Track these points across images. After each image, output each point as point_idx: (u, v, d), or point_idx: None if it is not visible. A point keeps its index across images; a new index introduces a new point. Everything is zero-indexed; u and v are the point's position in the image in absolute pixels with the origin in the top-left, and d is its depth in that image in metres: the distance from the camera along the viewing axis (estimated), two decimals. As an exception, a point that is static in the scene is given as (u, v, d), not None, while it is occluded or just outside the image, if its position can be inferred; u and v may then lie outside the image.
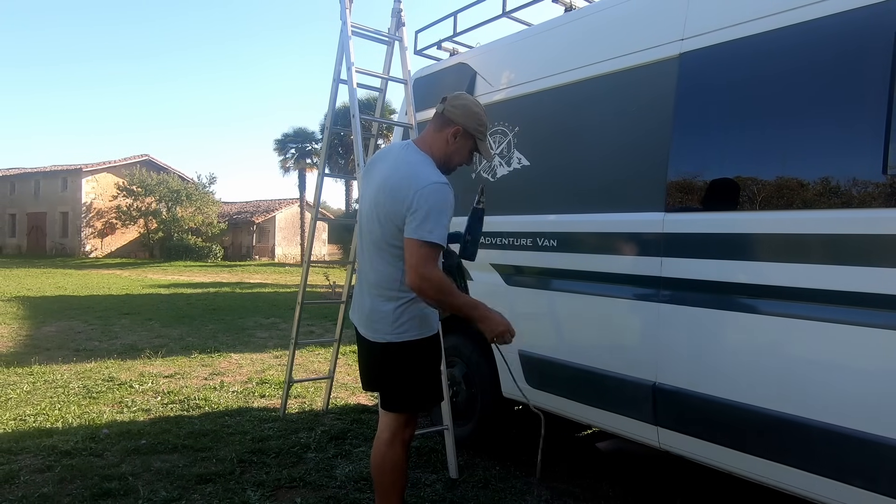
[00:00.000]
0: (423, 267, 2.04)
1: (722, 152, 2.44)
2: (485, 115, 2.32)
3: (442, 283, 2.07)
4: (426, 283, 2.04)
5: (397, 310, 2.20)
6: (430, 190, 2.07)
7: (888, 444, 1.90)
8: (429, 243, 2.04)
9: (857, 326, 1.99)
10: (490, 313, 2.15)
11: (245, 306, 11.80)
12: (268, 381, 5.43)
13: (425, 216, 2.04)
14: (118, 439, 3.79)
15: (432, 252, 2.05)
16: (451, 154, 2.27)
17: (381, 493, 2.32)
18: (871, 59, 2.01)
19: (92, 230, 32.48)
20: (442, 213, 2.07)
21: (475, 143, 2.28)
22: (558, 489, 3.18)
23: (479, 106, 2.31)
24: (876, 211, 1.98)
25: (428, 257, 2.05)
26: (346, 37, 3.67)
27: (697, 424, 2.47)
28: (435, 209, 2.05)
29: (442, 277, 2.09)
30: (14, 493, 2.97)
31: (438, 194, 2.08)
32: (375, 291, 2.24)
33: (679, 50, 2.56)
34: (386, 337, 2.22)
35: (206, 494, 3.01)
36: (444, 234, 2.08)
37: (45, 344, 7.21)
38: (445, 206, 2.09)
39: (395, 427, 2.30)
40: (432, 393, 2.37)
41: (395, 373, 2.27)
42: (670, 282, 2.53)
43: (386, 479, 2.29)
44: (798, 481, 2.15)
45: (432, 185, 2.08)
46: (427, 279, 2.04)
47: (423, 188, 2.07)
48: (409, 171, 2.16)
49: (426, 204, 2.05)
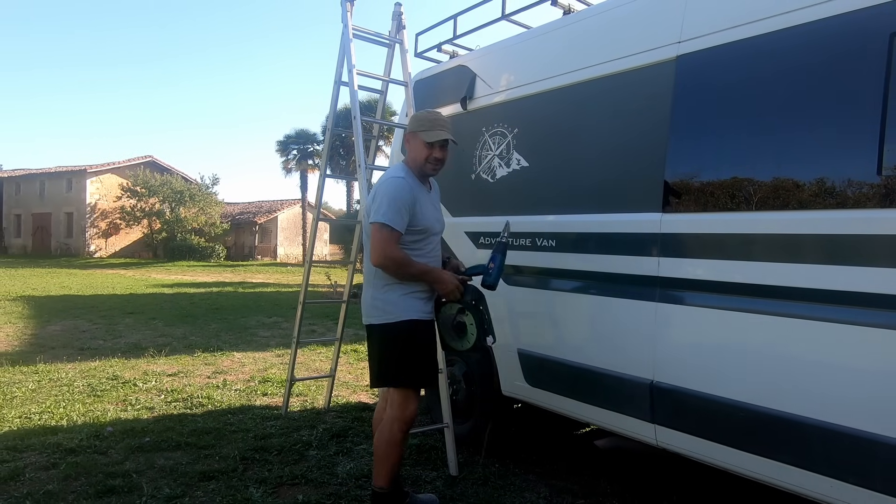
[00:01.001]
0: (381, 244, 2.44)
1: (719, 154, 2.44)
2: (424, 113, 2.70)
3: (399, 258, 2.46)
4: (387, 259, 2.45)
5: (374, 295, 2.59)
6: (384, 182, 2.53)
7: (880, 441, 1.91)
8: (381, 224, 2.43)
9: (852, 326, 1.99)
10: (442, 275, 2.57)
11: (247, 306, 11.80)
12: (270, 380, 5.44)
13: (380, 203, 2.46)
14: (122, 437, 3.79)
15: (388, 233, 2.44)
16: (414, 156, 2.64)
17: (377, 459, 2.64)
18: (866, 61, 2.01)
19: (96, 230, 32.47)
20: (393, 199, 2.45)
21: (422, 140, 2.59)
22: (557, 486, 3.18)
23: (420, 112, 2.76)
24: (871, 211, 1.98)
25: (385, 237, 2.44)
26: (348, 40, 3.67)
27: (694, 422, 2.47)
28: (387, 197, 2.46)
29: (400, 254, 2.47)
30: (19, 490, 2.97)
31: (390, 185, 2.50)
32: (365, 281, 2.67)
33: (676, 53, 2.56)
34: (366, 319, 2.63)
35: (209, 491, 3.01)
36: (396, 218, 2.43)
37: (50, 343, 7.21)
38: (397, 194, 2.46)
39: (393, 403, 2.61)
40: (404, 373, 2.60)
41: (370, 351, 2.68)
42: (667, 281, 2.53)
43: (381, 451, 2.61)
44: (792, 478, 2.16)
45: (388, 179, 2.55)
46: (387, 256, 2.44)
47: (380, 182, 2.56)
48: (383, 175, 2.67)
49: (380, 193, 2.49)
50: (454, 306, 2.66)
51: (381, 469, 2.61)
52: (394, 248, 2.45)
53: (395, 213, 2.44)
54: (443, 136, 2.60)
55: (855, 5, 2.03)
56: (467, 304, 2.65)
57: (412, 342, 2.57)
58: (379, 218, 2.44)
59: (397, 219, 2.45)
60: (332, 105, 4.03)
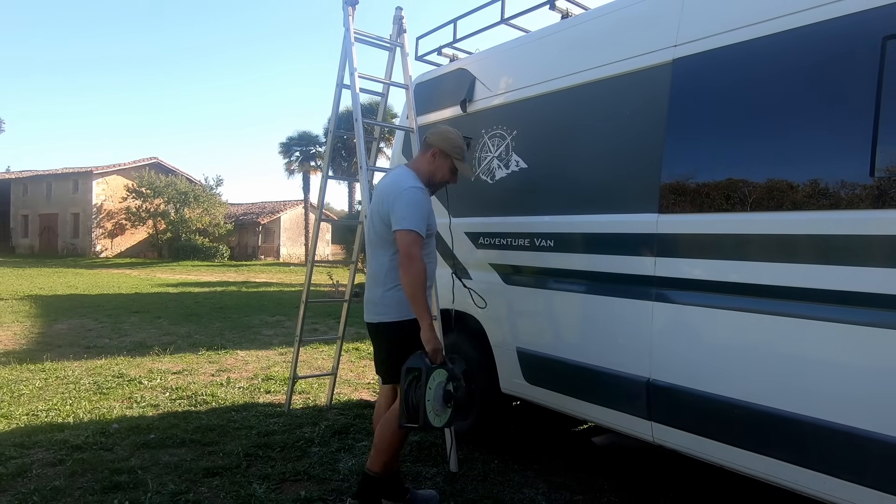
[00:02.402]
0: (408, 248, 2.49)
1: (714, 155, 2.44)
2: (460, 139, 2.78)
3: (422, 271, 2.49)
4: (413, 262, 2.48)
5: (384, 294, 2.64)
6: (406, 191, 2.58)
7: (869, 437, 1.91)
8: (407, 230, 2.51)
9: (844, 324, 1.99)
10: (433, 333, 2.51)
11: (251, 305, 11.80)
12: (273, 378, 5.44)
13: (407, 211, 2.53)
14: (128, 434, 3.79)
15: (414, 237, 2.51)
16: (434, 171, 2.75)
17: (377, 448, 2.67)
18: (859, 64, 2.01)
19: (102, 231, 32.46)
20: (418, 208, 2.55)
21: (453, 163, 2.74)
22: (555, 482, 3.18)
23: (454, 132, 2.81)
24: (864, 212, 1.98)
25: (412, 241, 2.50)
26: (350, 43, 3.67)
27: (690, 419, 2.47)
28: (412, 205, 2.54)
29: (423, 265, 2.50)
30: (27, 486, 2.97)
31: (412, 195, 2.57)
32: (371, 281, 2.72)
33: (672, 56, 2.56)
34: (374, 317, 2.68)
35: (213, 487, 3.01)
36: (421, 225, 2.53)
37: (57, 341, 7.21)
38: (421, 203, 2.57)
39: (391, 397, 2.74)
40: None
41: (380, 347, 2.74)
42: (664, 281, 2.54)
43: (383, 442, 2.66)
44: (785, 474, 2.16)
45: (409, 188, 2.59)
46: (412, 258, 2.48)
47: (401, 191, 2.58)
48: (393, 180, 2.69)
49: (405, 201, 2.55)
50: (443, 373, 2.50)
51: (379, 458, 2.67)
52: (418, 251, 2.52)
53: (420, 220, 2.55)
54: (469, 175, 2.87)
55: (848, 9, 2.04)
56: (452, 373, 2.51)
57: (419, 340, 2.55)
58: (409, 225, 2.51)
59: (422, 225, 2.56)
60: (334, 108, 4.03)
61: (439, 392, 2.48)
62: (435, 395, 2.46)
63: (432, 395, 2.45)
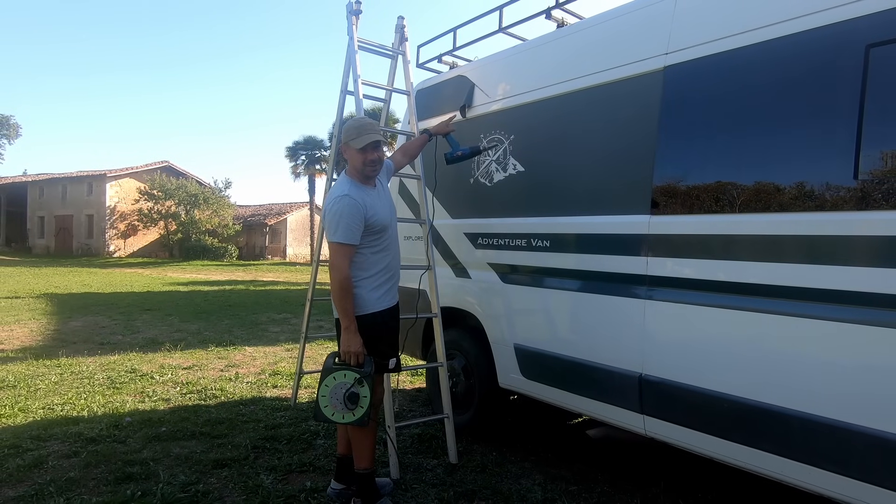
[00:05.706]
0: (332, 258, 2.52)
1: (704, 159, 2.45)
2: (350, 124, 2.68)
3: (343, 279, 2.51)
4: (335, 271, 2.51)
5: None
6: (332, 202, 2.56)
7: (857, 430, 1.91)
8: (333, 242, 2.53)
9: (829, 321, 1.99)
10: (355, 335, 2.51)
11: (258, 303, 11.80)
12: (280, 373, 5.44)
13: (333, 223, 2.53)
14: (140, 427, 3.80)
15: (341, 249, 2.52)
16: (352, 163, 2.66)
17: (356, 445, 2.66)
18: (844, 71, 2.01)
19: (115, 231, 32.45)
20: (342, 217, 2.51)
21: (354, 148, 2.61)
22: (551, 473, 3.18)
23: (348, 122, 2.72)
24: (848, 213, 1.98)
25: (335, 251, 2.52)
26: (353, 51, 3.67)
27: (681, 413, 2.47)
28: (336, 216, 2.52)
29: (347, 276, 2.52)
30: (43, 477, 2.98)
31: (337, 205, 2.53)
32: None
33: (663, 63, 2.57)
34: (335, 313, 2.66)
35: (222, 478, 3.02)
36: (349, 234, 2.51)
37: (72, 338, 7.21)
38: (345, 212, 2.51)
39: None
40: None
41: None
42: (655, 279, 2.54)
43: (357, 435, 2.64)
44: (773, 465, 2.16)
45: (335, 199, 2.56)
46: (335, 268, 2.51)
47: (329, 202, 2.59)
48: (330, 192, 2.69)
49: (331, 213, 2.55)
50: (352, 375, 2.49)
51: (362, 453, 2.66)
52: (342, 262, 2.51)
53: (345, 230, 2.51)
54: (370, 140, 2.59)
55: (833, 18, 2.04)
56: (366, 376, 2.50)
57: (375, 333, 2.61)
58: (332, 237, 2.53)
59: (350, 235, 2.52)
60: (338, 113, 4.03)
61: (339, 391, 2.50)
62: (332, 392, 2.51)
63: (328, 392, 2.51)
